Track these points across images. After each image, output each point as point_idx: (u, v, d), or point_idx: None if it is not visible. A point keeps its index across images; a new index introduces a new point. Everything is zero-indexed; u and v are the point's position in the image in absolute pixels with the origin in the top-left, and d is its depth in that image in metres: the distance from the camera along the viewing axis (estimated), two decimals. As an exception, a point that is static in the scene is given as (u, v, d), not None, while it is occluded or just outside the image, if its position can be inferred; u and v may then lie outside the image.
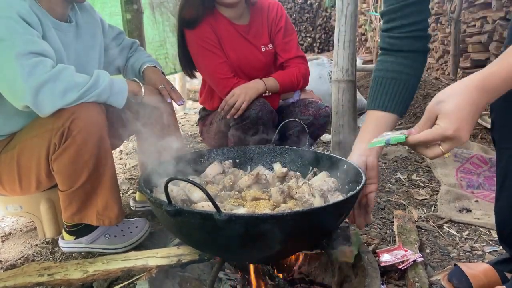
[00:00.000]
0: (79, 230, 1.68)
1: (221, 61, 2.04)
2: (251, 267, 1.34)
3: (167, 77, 2.00)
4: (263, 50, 2.13)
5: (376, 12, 6.71)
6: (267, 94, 2.02)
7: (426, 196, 2.26)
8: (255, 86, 1.98)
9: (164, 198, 1.08)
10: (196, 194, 1.29)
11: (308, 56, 3.51)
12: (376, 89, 1.31)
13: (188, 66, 2.19)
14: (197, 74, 2.26)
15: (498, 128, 1.28)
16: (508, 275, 1.37)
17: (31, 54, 1.36)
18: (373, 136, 1.21)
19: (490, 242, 1.78)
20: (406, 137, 1.00)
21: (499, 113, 1.27)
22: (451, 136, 0.92)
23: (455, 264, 1.47)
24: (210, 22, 2.04)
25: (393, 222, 1.92)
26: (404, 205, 2.15)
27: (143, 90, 1.68)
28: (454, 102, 0.93)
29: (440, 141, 0.95)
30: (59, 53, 1.55)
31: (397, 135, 1.02)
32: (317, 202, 1.24)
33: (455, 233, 1.87)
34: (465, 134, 0.92)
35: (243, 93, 1.93)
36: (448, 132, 0.92)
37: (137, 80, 1.73)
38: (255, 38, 2.13)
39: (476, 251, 1.71)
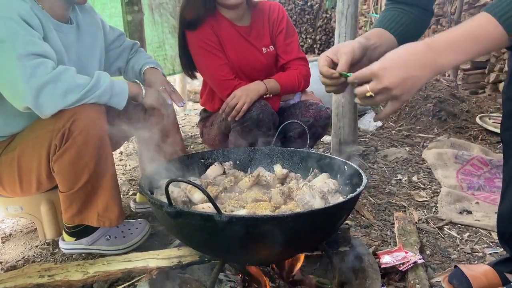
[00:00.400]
0: (80, 231, 1.68)
1: (222, 63, 2.04)
2: (252, 268, 1.34)
3: (167, 78, 2.00)
4: (264, 52, 2.13)
5: (376, 13, 6.71)
6: (268, 95, 2.02)
7: (426, 197, 2.26)
8: (256, 88, 1.98)
9: (164, 200, 1.09)
10: (197, 196, 1.30)
11: (309, 57, 3.51)
12: (381, 16, 1.29)
13: (189, 66, 2.19)
14: (198, 75, 2.26)
15: (507, 129, 1.28)
16: (508, 275, 1.37)
17: (32, 56, 1.36)
18: (376, 41, 1.19)
19: (491, 244, 1.78)
20: (350, 74, 1.04)
21: (509, 114, 1.27)
22: (376, 73, 0.93)
23: (455, 266, 1.47)
24: (211, 24, 2.04)
25: (394, 223, 1.92)
26: (405, 206, 2.15)
27: (143, 91, 1.68)
28: (395, 49, 0.95)
29: (369, 79, 0.96)
30: (60, 54, 1.55)
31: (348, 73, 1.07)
32: (318, 204, 1.24)
33: (456, 234, 1.87)
34: (390, 75, 0.91)
35: (244, 95, 1.93)
36: (374, 67, 0.93)
37: (138, 82, 1.73)
38: (256, 40, 2.13)
39: (476, 253, 1.71)
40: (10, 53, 1.35)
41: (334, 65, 1.13)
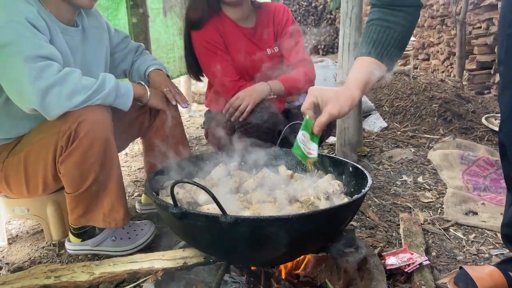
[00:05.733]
0: (85, 233, 1.69)
1: (226, 64, 2.04)
2: (257, 270, 1.34)
3: (175, 80, 2.00)
4: (268, 53, 2.13)
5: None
6: (272, 97, 2.02)
7: (432, 198, 2.25)
8: (260, 89, 1.98)
9: (170, 201, 1.09)
10: (202, 197, 1.30)
11: (313, 58, 3.51)
12: (370, 36, 1.28)
13: (195, 68, 2.18)
14: (202, 77, 2.27)
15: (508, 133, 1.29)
16: None
17: (38, 58, 1.37)
18: (362, 80, 1.25)
19: (497, 245, 1.77)
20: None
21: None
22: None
23: (460, 267, 1.46)
24: (216, 24, 2.05)
25: (399, 225, 1.91)
26: (410, 207, 2.14)
27: (148, 93, 1.69)
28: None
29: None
30: (66, 57, 1.56)
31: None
32: (323, 205, 1.24)
33: (462, 236, 1.86)
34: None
35: (248, 96, 1.93)
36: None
37: (143, 83, 1.74)
38: (261, 41, 2.13)
39: (482, 254, 1.70)
40: (17, 56, 1.36)
41: (316, 109, 1.25)
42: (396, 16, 1.25)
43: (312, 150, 1.21)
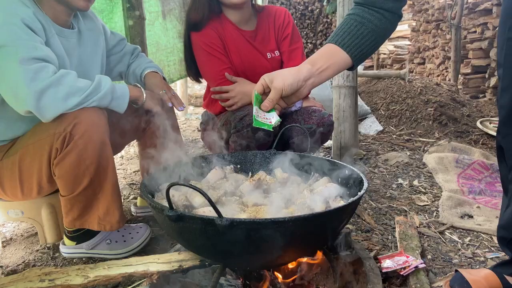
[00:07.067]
0: (80, 236, 1.68)
1: (225, 67, 2.04)
2: (253, 273, 1.33)
3: (174, 83, 2.00)
4: (268, 57, 2.13)
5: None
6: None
7: (427, 202, 2.26)
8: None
9: (165, 203, 1.09)
10: (198, 200, 1.30)
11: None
12: (340, 27, 1.32)
13: (194, 70, 2.18)
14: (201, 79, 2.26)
15: (505, 136, 1.29)
16: (509, 278, 1.36)
17: (34, 60, 1.37)
18: (315, 58, 1.29)
19: (492, 248, 1.78)
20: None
21: (503, 122, 1.28)
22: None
23: (456, 270, 1.47)
24: (216, 27, 2.05)
25: (395, 228, 1.92)
26: (406, 211, 2.15)
27: (144, 95, 1.69)
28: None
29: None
30: (62, 59, 1.55)
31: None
32: (319, 208, 1.24)
33: (457, 239, 1.86)
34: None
35: (239, 96, 1.94)
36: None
37: (139, 85, 1.74)
38: (262, 44, 2.13)
39: (478, 257, 1.71)
40: (13, 57, 1.35)
41: (266, 91, 1.28)
42: (372, 15, 1.29)
43: (272, 118, 1.29)
